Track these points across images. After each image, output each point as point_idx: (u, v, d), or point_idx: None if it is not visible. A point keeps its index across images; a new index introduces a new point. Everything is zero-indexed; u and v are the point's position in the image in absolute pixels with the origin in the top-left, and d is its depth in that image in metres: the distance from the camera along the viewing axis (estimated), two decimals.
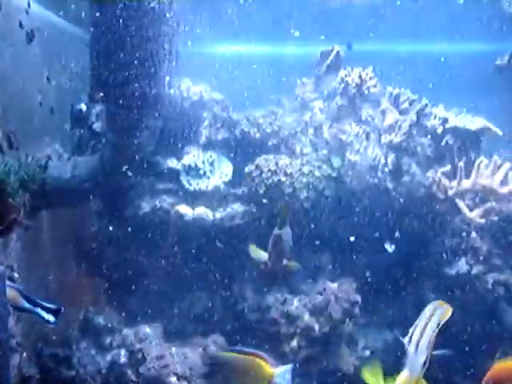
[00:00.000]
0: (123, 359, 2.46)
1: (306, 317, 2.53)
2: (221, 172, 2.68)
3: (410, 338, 1.50)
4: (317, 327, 2.52)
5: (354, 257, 2.69)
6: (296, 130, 2.74)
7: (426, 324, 1.50)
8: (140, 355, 2.45)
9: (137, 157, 2.62)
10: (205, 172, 2.67)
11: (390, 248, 2.61)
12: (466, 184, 2.59)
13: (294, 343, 2.53)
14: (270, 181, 2.51)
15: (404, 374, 1.49)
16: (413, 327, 1.49)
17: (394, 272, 2.72)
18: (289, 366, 1.84)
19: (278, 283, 2.63)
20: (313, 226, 2.61)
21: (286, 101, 3.03)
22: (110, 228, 2.70)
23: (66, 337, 2.53)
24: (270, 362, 1.84)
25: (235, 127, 2.78)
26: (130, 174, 2.62)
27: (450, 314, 1.51)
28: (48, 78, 2.58)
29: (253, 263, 2.41)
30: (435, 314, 1.51)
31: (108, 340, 2.54)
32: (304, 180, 2.54)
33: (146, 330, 2.57)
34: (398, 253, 2.68)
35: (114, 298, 2.70)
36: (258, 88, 3.32)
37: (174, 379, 2.39)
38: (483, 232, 2.69)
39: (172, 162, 2.72)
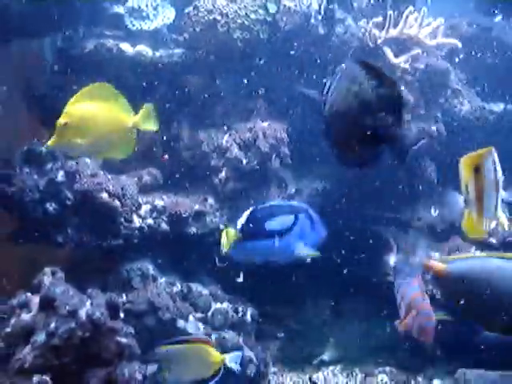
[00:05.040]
0: (60, 178, 2.62)
1: (235, 150, 2.69)
2: (163, 16, 2.81)
3: None
4: (245, 161, 2.68)
5: (287, 101, 2.83)
6: None
7: None
8: (77, 176, 2.61)
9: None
10: (148, 15, 2.80)
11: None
12: (393, 32, 2.71)
13: (223, 174, 2.70)
14: (206, 19, 2.64)
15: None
16: None
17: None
18: (239, 353, 2.00)
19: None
20: (248, 66, 2.74)
21: None
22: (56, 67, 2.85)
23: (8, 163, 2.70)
24: (212, 343, 1.97)
25: None
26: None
27: None
28: None
29: None
30: None
31: (49, 166, 2.69)
32: (239, 21, 2.67)
33: (86, 160, 2.73)
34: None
35: None
36: None
37: (105, 195, 2.56)
38: (411, 85, 2.83)
39: (118, 8, 2.85)
